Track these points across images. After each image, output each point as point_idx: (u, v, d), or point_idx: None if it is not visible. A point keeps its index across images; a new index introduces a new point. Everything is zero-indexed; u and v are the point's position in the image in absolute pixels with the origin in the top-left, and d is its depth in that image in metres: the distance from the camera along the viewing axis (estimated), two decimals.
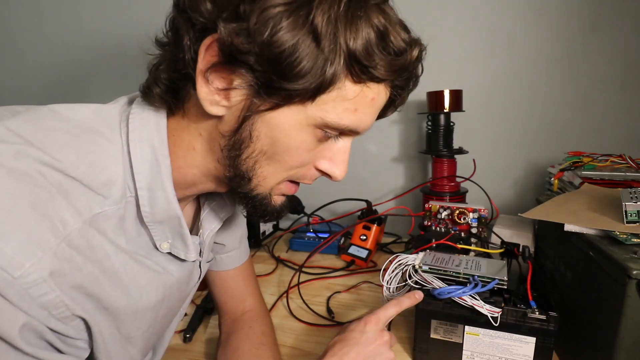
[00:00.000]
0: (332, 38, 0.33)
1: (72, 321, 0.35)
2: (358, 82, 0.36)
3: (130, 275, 0.40)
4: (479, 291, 0.51)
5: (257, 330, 0.60)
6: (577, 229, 0.53)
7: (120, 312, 0.39)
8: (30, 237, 0.31)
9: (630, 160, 0.72)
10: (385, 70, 0.36)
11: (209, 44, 0.34)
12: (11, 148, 0.33)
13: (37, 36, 1.37)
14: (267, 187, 0.42)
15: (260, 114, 0.37)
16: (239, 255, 0.64)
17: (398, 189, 1.18)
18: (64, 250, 0.32)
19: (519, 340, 0.51)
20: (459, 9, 1.03)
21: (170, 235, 0.43)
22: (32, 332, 0.32)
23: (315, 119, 0.37)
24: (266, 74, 0.34)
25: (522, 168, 1.08)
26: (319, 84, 0.34)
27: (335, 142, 0.42)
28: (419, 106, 1.10)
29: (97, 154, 0.37)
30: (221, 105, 0.37)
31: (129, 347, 0.43)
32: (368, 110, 0.39)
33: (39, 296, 0.31)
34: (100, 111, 0.40)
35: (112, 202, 0.37)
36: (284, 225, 1.20)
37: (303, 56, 0.33)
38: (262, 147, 0.38)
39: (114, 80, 1.33)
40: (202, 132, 0.40)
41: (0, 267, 0.29)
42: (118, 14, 1.27)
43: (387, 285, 0.60)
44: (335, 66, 0.34)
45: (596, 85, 0.99)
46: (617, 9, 0.94)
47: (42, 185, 0.32)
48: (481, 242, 0.78)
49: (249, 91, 0.36)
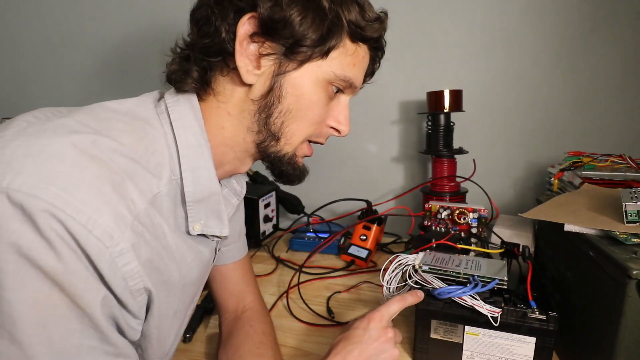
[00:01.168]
0: (336, 12, 0.44)
1: (140, 295, 0.40)
2: (354, 42, 0.47)
3: (181, 252, 0.45)
4: (479, 291, 0.51)
5: (258, 329, 0.61)
6: (577, 229, 0.53)
7: (173, 286, 0.45)
8: (115, 213, 0.36)
9: (630, 160, 0.72)
10: (370, 32, 0.47)
11: (247, 19, 0.42)
12: (88, 137, 0.38)
13: (38, 36, 1.37)
14: (292, 146, 0.49)
15: (287, 75, 0.45)
16: (237, 250, 0.66)
17: (398, 189, 1.18)
18: (137, 226, 0.38)
19: (519, 340, 0.51)
20: (459, 9, 1.03)
21: (203, 216, 0.47)
22: (106, 306, 0.36)
23: (328, 74, 0.46)
24: (292, 38, 0.43)
25: (522, 168, 1.08)
26: (330, 42, 0.45)
27: (338, 101, 0.51)
28: (419, 106, 1.10)
29: (148, 138, 0.42)
30: (254, 74, 0.44)
31: (175, 322, 0.49)
32: (361, 66, 0.49)
33: (122, 265, 0.36)
34: (141, 103, 0.46)
35: (164, 183, 0.42)
36: (284, 225, 1.20)
37: (317, 22, 0.43)
38: (288, 106, 0.46)
39: (113, 81, 1.33)
40: (230, 110, 0.47)
41: (97, 237, 0.34)
42: (118, 15, 1.27)
43: (387, 285, 0.60)
44: (339, 29, 0.45)
45: (596, 85, 0.99)
46: (617, 9, 0.94)
47: (115, 169, 0.37)
48: (481, 242, 0.78)
49: (278, 56, 0.44)
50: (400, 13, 1.06)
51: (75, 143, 0.36)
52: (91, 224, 0.34)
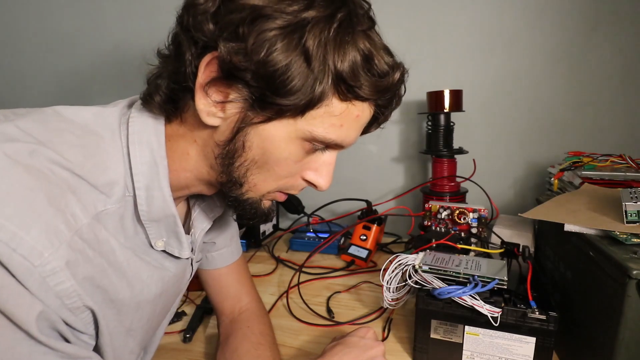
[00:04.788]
0: (322, 60, 0.36)
1: (82, 313, 0.36)
2: (344, 100, 0.39)
3: (133, 269, 0.42)
4: (479, 291, 0.51)
5: (256, 330, 0.60)
6: (577, 229, 0.53)
7: (124, 304, 0.41)
8: (48, 228, 0.32)
9: (630, 160, 0.72)
10: (370, 90, 0.39)
11: (209, 61, 0.37)
12: (26, 147, 0.35)
13: (37, 36, 1.37)
14: (257, 194, 0.45)
15: (254, 126, 0.39)
16: (230, 253, 0.65)
17: (398, 189, 1.18)
18: (76, 242, 0.34)
19: (519, 340, 0.51)
20: (459, 9, 1.03)
21: (165, 234, 0.45)
22: (46, 321, 0.33)
23: (304, 133, 0.40)
24: (261, 89, 0.37)
25: (522, 168, 1.08)
26: (308, 100, 0.37)
27: (321, 155, 0.45)
28: (419, 106, 1.10)
29: (100, 155, 0.39)
30: (217, 117, 0.40)
31: (130, 340, 0.45)
32: (353, 126, 0.42)
33: (55, 285, 0.33)
34: (101, 114, 0.42)
35: (114, 200, 0.39)
36: (284, 225, 1.21)
37: (295, 75, 0.36)
38: (253, 157, 0.41)
39: (112, 83, 1.33)
40: (197, 139, 0.43)
41: (22, 256, 0.31)
42: (116, 17, 1.27)
43: (387, 285, 0.60)
44: (324, 85, 0.37)
45: (596, 85, 0.99)
46: (617, 9, 0.94)
47: (55, 182, 0.34)
48: (481, 242, 0.78)
49: (244, 105, 0.39)
50: (401, 13, 1.06)
51: (8, 152, 0.33)
52: (16, 241, 0.30)
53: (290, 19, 0.35)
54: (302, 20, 0.35)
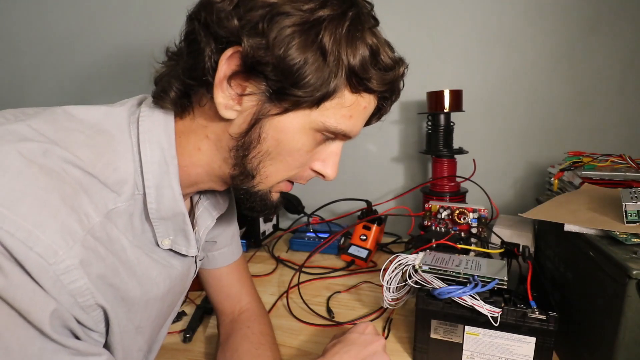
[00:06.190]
0: (337, 55, 0.39)
1: (94, 311, 0.37)
2: (354, 93, 0.42)
3: (143, 266, 0.43)
4: (479, 291, 0.51)
5: (256, 330, 0.60)
6: (577, 229, 0.53)
7: (134, 302, 0.42)
8: (63, 227, 0.33)
9: (630, 160, 0.72)
10: (378, 83, 0.42)
11: (231, 55, 0.39)
12: (40, 146, 0.35)
13: (37, 37, 1.37)
14: (268, 185, 0.46)
15: (270, 118, 0.41)
16: (230, 253, 0.65)
17: (398, 189, 1.18)
18: (89, 241, 0.35)
19: (519, 340, 0.51)
20: (459, 9, 1.03)
21: (172, 232, 0.46)
22: (58, 319, 0.34)
23: (317, 124, 0.42)
24: (279, 82, 0.39)
25: (522, 168, 1.08)
26: (324, 92, 0.40)
27: (328, 146, 0.47)
28: (419, 106, 1.10)
29: (110, 154, 0.40)
30: (234, 110, 0.41)
31: (139, 337, 0.46)
32: (360, 117, 0.45)
33: (69, 283, 0.34)
34: (110, 113, 0.43)
35: (124, 199, 0.40)
36: (284, 225, 1.21)
37: (313, 69, 0.38)
38: (267, 148, 0.43)
39: (112, 83, 1.33)
40: (209, 134, 0.44)
41: (38, 254, 0.31)
42: (117, 17, 1.27)
43: (387, 285, 0.60)
44: (338, 78, 0.40)
45: (596, 85, 0.99)
46: (617, 9, 0.94)
47: (68, 181, 0.35)
48: (481, 242, 0.78)
49: (261, 97, 0.40)
50: (401, 13, 1.06)
51: (22, 152, 0.34)
52: (32, 240, 0.31)
53: (307, 17, 0.37)
54: (318, 18, 0.38)
